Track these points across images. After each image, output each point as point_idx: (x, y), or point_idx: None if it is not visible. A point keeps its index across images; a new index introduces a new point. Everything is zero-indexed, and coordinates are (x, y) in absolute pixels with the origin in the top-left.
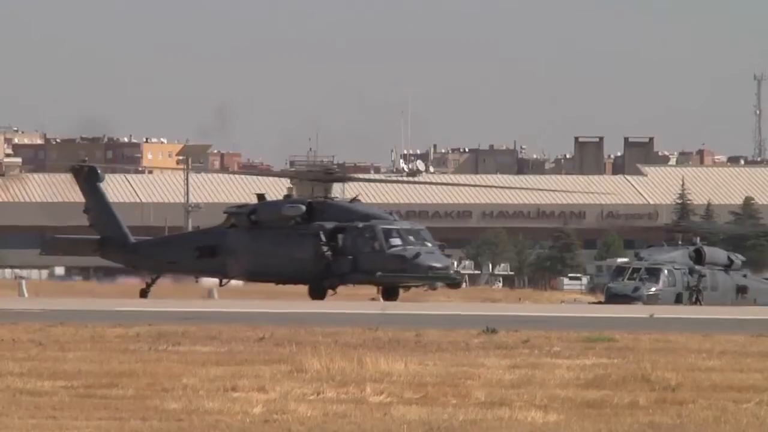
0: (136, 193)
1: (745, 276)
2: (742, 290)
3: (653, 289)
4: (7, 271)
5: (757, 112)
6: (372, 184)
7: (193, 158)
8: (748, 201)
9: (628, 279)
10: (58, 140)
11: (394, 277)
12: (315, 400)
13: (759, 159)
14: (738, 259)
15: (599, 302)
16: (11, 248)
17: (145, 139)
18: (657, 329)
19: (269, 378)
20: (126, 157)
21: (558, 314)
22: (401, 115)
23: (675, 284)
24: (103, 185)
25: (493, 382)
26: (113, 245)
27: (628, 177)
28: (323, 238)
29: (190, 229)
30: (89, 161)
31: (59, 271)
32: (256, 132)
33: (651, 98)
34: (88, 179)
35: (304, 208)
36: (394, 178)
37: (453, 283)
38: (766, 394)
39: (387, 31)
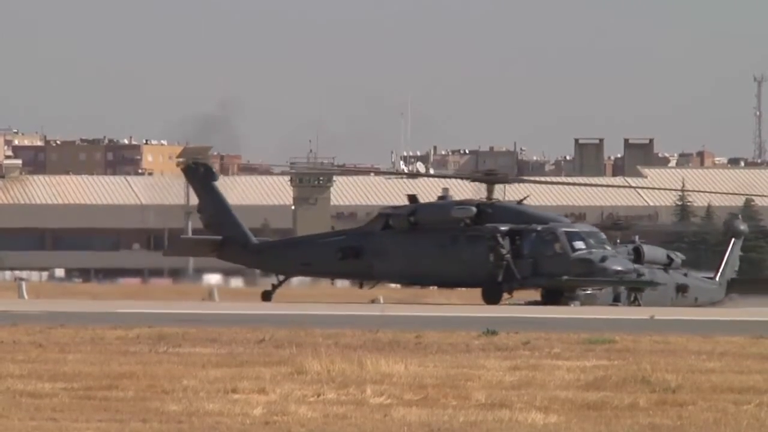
0: (136, 195)
1: (685, 275)
2: (682, 289)
3: (591, 288)
4: (7, 273)
5: (757, 113)
6: (364, 183)
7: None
8: (748, 203)
9: None
10: (58, 142)
11: (580, 281)
12: (315, 402)
13: (759, 160)
14: (678, 257)
15: (536, 302)
16: (11, 250)
17: (144, 141)
18: (657, 331)
19: (269, 380)
20: (126, 158)
21: (558, 316)
22: (401, 116)
23: None
24: (218, 184)
25: (493, 383)
26: (234, 246)
27: (628, 178)
28: (500, 240)
29: (190, 231)
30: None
31: (59, 272)
32: (255, 133)
33: (651, 99)
34: (204, 178)
35: (474, 210)
36: (557, 180)
37: (638, 287)
38: (766, 396)
39: (387, 32)
